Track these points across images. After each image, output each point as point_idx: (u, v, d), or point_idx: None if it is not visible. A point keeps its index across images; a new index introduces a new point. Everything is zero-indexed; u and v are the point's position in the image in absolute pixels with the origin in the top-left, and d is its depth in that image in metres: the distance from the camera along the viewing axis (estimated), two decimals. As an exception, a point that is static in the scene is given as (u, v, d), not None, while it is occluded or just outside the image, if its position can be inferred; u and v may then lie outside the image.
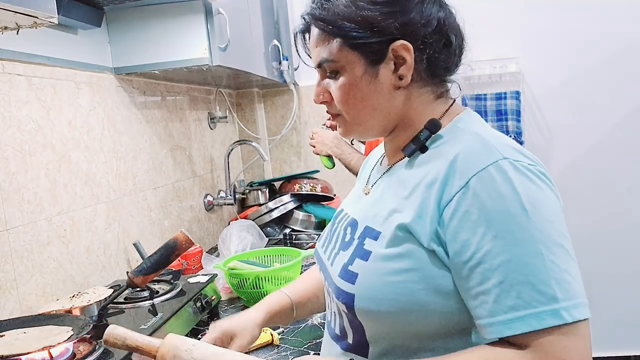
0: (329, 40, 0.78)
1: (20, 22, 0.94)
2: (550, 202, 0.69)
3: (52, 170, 1.33)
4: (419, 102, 0.80)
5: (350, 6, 0.75)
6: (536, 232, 0.65)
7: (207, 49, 1.60)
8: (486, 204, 0.66)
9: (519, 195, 0.66)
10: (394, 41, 0.75)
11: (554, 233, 0.66)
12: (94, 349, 0.98)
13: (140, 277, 1.21)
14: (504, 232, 0.65)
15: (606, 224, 2.81)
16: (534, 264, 0.64)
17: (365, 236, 0.78)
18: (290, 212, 2.35)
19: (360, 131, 0.84)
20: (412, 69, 0.76)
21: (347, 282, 0.77)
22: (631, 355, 2.83)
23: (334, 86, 0.80)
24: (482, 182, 0.67)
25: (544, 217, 0.66)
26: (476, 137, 0.73)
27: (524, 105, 2.79)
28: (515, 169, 0.68)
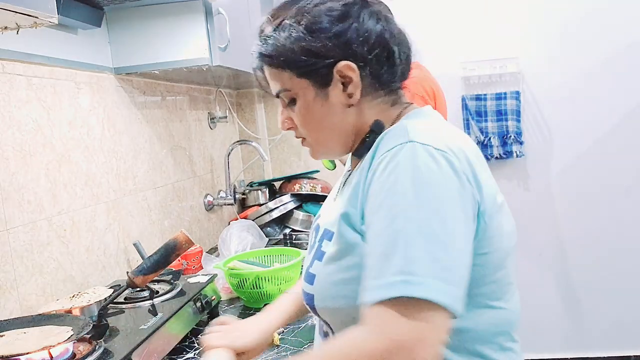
0: (279, 72, 0.83)
1: (20, 22, 0.94)
2: (440, 186, 0.69)
3: (52, 170, 1.33)
4: (372, 113, 0.84)
5: (290, 38, 0.80)
6: (409, 210, 0.67)
7: (207, 49, 1.60)
8: (381, 179, 0.71)
9: (405, 174, 0.69)
10: (337, 63, 0.79)
11: (430, 216, 0.67)
12: (94, 349, 0.98)
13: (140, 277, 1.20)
14: (382, 207, 0.69)
15: (606, 223, 2.81)
16: (397, 239, 0.66)
17: (323, 238, 0.83)
18: (290, 212, 2.35)
19: (325, 152, 0.89)
20: (359, 85, 0.80)
21: (308, 284, 0.82)
22: (631, 355, 2.83)
23: (294, 113, 0.85)
24: (384, 160, 0.72)
25: (424, 198, 0.67)
26: (399, 126, 0.78)
27: (524, 105, 2.79)
28: (413, 150, 0.70)
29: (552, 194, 2.85)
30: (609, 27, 2.68)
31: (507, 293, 0.78)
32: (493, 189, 0.75)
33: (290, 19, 0.80)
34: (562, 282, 2.89)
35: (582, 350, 2.88)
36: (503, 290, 0.77)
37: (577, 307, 2.87)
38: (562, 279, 2.89)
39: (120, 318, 1.19)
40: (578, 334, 2.88)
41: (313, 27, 0.79)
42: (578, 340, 2.88)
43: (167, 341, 1.16)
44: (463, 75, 2.80)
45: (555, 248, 2.88)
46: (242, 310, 1.54)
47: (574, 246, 2.86)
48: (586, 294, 2.86)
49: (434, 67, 2.22)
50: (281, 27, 0.81)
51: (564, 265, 2.88)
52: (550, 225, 2.86)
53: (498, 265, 0.75)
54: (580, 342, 2.88)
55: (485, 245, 0.72)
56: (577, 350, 2.89)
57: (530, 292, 2.87)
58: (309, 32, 0.79)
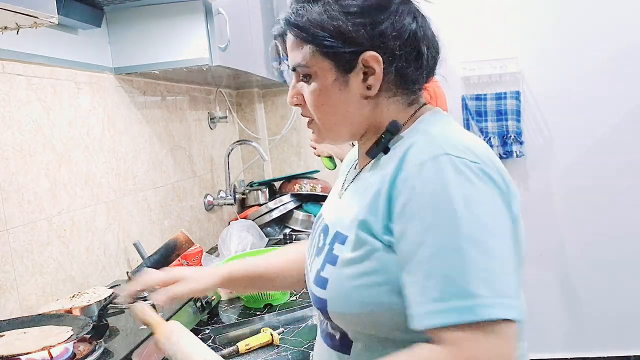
0: (302, 45, 0.80)
1: (20, 22, 0.94)
2: (485, 200, 0.68)
3: (52, 170, 1.33)
4: (388, 110, 0.82)
5: (324, 15, 0.77)
6: (463, 227, 0.65)
7: (207, 49, 1.60)
8: (421, 197, 0.68)
9: (449, 191, 0.67)
10: (365, 52, 0.77)
11: (483, 231, 0.66)
12: (94, 349, 0.98)
13: (140, 277, 1.20)
14: (433, 225, 0.67)
15: (606, 223, 2.81)
16: (457, 259, 0.65)
17: (334, 241, 0.80)
18: (290, 212, 2.35)
19: (331, 137, 0.86)
20: (381, 79, 0.78)
21: (319, 288, 0.79)
22: (631, 355, 2.83)
23: (307, 90, 0.82)
24: (419, 176, 0.69)
25: (473, 214, 0.66)
26: (425, 134, 0.76)
27: (524, 105, 2.79)
28: (452, 165, 0.68)
29: (552, 194, 2.85)
30: (609, 27, 2.68)
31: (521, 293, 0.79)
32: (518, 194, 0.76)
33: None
34: (562, 282, 2.89)
35: (582, 350, 2.88)
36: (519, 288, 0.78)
37: (577, 307, 2.87)
38: (562, 279, 2.89)
39: (120, 318, 1.19)
40: (578, 334, 2.88)
41: (350, 9, 0.77)
42: (578, 340, 2.88)
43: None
44: (463, 75, 2.80)
45: (555, 248, 2.88)
46: (242, 310, 1.54)
47: (574, 246, 2.86)
48: (586, 294, 2.86)
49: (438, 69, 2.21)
50: (315, 1, 0.78)
51: (564, 265, 2.88)
52: (550, 225, 2.86)
53: (520, 265, 0.77)
54: (580, 342, 2.88)
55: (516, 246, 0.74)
56: (577, 350, 2.89)
57: (530, 292, 2.86)
58: (344, 13, 0.76)
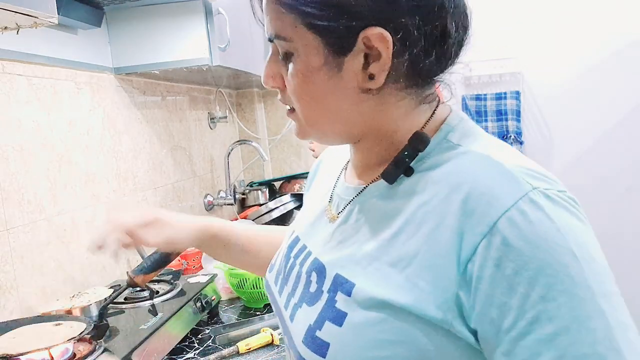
0: (282, 12, 0.56)
1: (20, 22, 0.94)
2: (593, 238, 0.53)
3: (52, 170, 1.33)
4: (396, 109, 0.59)
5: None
6: (593, 283, 0.47)
7: (207, 49, 1.60)
8: (524, 253, 0.47)
9: (563, 236, 0.48)
10: (367, 27, 0.54)
11: (609, 280, 0.50)
12: (94, 349, 0.98)
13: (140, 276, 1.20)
14: (554, 289, 0.47)
15: (606, 223, 2.80)
16: (598, 329, 0.46)
17: (336, 289, 0.58)
18: (290, 212, 2.35)
19: (315, 135, 0.64)
20: (388, 67, 0.55)
21: (314, 354, 0.57)
22: (631, 355, 2.83)
23: (287, 72, 0.60)
24: (513, 226, 0.48)
25: (596, 260, 0.49)
26: (487, 162, 0.53)
27: (524, 105, 2.79)
28: (551, 201, 0.50)
29: (552, 194, 2.85)
30: (609, 27, 2.68)
31: None
32: None
33: None
34: (562, 282, 2.89)
35: (582, 350, 2.88)
36: None
37: (577, 307, 2.87)
38: (562, 279, 2.89)
39: (120, 318, 1.19)
40: (578, 334, 2.88)
41: None
42: (578, 340, 2.88)
43: (167, 341, 1.16)
44: (463, 75, 2.80)
45: (555, 248, 2.88)
46: (242, 310, 1.54)
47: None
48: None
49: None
50: None
51: (564, 265, 2.88)
52: (550, 225, 2.86)
53: None
54: (580, 342, 2.88)
55: None
56: (577, 350, 2.89)
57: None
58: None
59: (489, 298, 0.49)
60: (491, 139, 0.60)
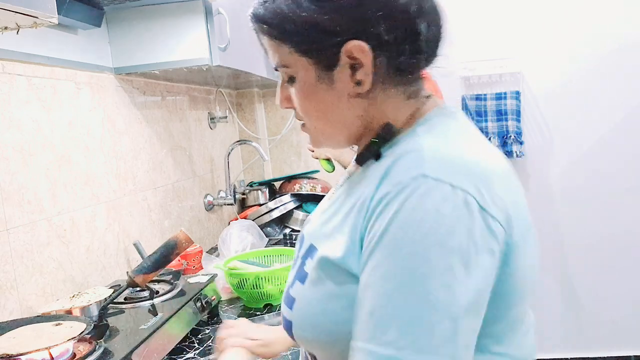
0: (277, 44, 0.69)
1: (20, 22, 0.94)
2: (452, 237, 0.56)
3: (52, 170, 1.33)
4: (386, 106, 0.69)
5: (292, 5, 0.65)
6: (414, 272, 0.56)
7: (207, 49, 1.60)
8: (388, 224, 0.58)
9: (414, 223, 0.57)
10: (347, 42, 0.64)
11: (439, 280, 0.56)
12: (94, 349, 0.98)
13: (140, 276, 1.21)
14: (384, 261, 0.58)
15: (606, 223, 2.81)
16: (395, 305, 0.56)
17: (307, 256, 0.70)
18: (290, 212, 2.35)
19: (326, 142, 0.76)
20: (371, 72, 0.65)
21: (287, 307, 0.71)
22: (631, 355, 2.83)
23: (293, 93, 0.72)
24: (393, 200, 0.59)
25: (432, 256, 0.56)
26: (415, 145, 0.63)
27: (524, 105, 2.80)
28: (426, 191, 0.57)
29: (552, 194, 2.85)
30: (609, 27, 2.68)
31: (517, 333, 0.66)
32: (524, 214, 0.65)
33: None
34: (562, 283, 2.89)
35: (582, 350, 2.88)
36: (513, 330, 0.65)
37: (577, 307, 2.87)
38: (562, 279, 2.89)
39: (120, 318, 1.19)
40: (578, 334, 2.88)
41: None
42: (578, 340, 2.88)
43: (167, 341, 1.16)
44: (463, 75, 2.80)
45: (556, 248, 2.88)
46: (242, 310, 1.54)
47: (574, 246, 2.86)
48: (586, 294, 2.86)
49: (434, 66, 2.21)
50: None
51: (564, 265, 2.88)
52: (550, 225, 2.86)
53: (514, 303, 0.63)
54: (580, 342, 2.88)
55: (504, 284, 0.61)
56: (577, 350, 2.89)
57: (530, 292, 2.87)
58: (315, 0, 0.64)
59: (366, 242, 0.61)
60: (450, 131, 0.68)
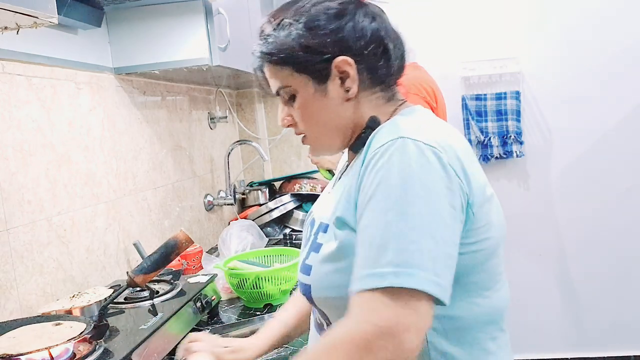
0: (278, 70, 0.86)
1: (20, 22, 0.94)
2: (427, 181, 0.71)
3: (52, 170, 1.33)
4: (369, 108, 0.87)
5: (290, 36, 0.84)
6: (397, 204, 0.70)
7: (207, 49, 1.60)
8: (372, 174, 0.73)
9: (394, 169, 0.72)
10: (335, 58, 0.83)
11: (416, 210, 0.70)
12: (94, 349, 0.98)
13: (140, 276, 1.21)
14: (372, 200, 0.72)
15: (606, 223, 2.81)
16: (384, 231, 0.69)
17: (319, 231, 0.85)
18: (290, 212, 2.35)
19: (325, 147, 0.92)
20: (357, 80, 0.84)
21: (304, 275, 0.84)
22: (631, 355, 2.83)
23: (293, 109, 0.88)
24: (375, 157, 0.74)
25: (411, 192, 0.70)
26: (391, 122, 0.81)
27: (524, 105, 2.79)
28: (404, 146, 0.73)
29: (552, 194, 2.85)
30: (609, 27, 2.68)
31: (498, 283, 0.82)
32: (482, 182, 0.78)
33: (289, 18, 0.84)
34: (562, 282, 2.89)
35: (582, 350, 2.88)
36: (494, 280, 0.81)
37: (577, 307, 2.87)
38: (562, 279, 2.89)
39: (120, 318, 1.19)
40: (578, 334, 2.88)
41: (311, 24, 0.83)
42: (578, 340, 2.88)
43: (167, 341, 1.16)
44: (463, 75, 2.79)
45: (556, 248, 2.88)
46: (242, 310, 1.54)
47: (574, 246, 2.86)
48: (586, 294, 2.86)
49: (434, 67, 2.22)
50: (281, 26, 0.85)
51: (564, 265, 2.88)
52: (550, 225, 2.86)
53: (488, 255, 0.79)
54: (580, 342, 2.88)
55: (474, 235, 0.76)
56: (577, 350, 2.89)
57: (531, 292, 2.87)
58: (307, 29, 0.83)
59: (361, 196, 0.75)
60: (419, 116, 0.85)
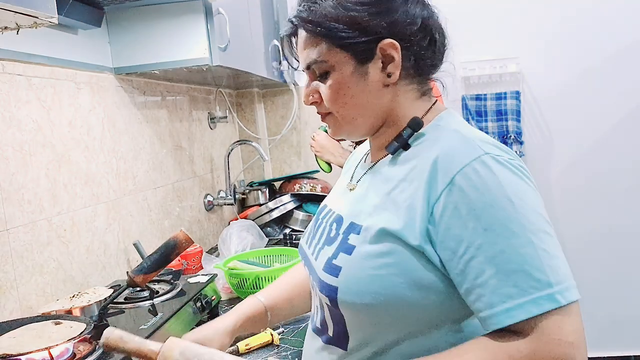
0: (317, 42, 0.80)
1: (20, 22, 0.94)
2: (532, 192, 0.72)
3: (52, 170, 1.33)
4: (405, 100, 0.82)
5: (338, 7, 0.77)
6: (525, 221, 0.68)
7: (207, 49, 1.60)
8: (473, 198, 0.69)
9: (503, 187, 0.69)
10: (382, 40, 0.78)
11: (540, 221, 0.69)
12: (94, 349, 0.98)
13: (140, 276, 1.21)
14: (494, 224, 0.68)
15: (606, 223, 2.80)
16: (526, 253, 0.67)
17: (349, 232, 0.81)
18: (290, 212, 2.35)
19: (349, 130, 0.86)
20: (400, 66, 0.79)
21: (330, 276, 0.79)
22: (631, 355, 2.83)
23: (324, 86, 0.82)
24: (467, 178, 0.70)
25: (529, 207, 0.69)
26: (456, 135, 0.76)
27: (524, 105, 2.79)
28: (498, 163, 0.71)
29: (552, 194, 2.85)
30: (609, 27, 2.68)
31: None
32: None
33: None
34: (562, 282, 2.89)
35: (582, 350, 2.88)
36: None
37: (577, 307, 2.87)
38: (562, 279, 2.89)
39: (120, 318, 1.19)
40: (578, 334, 2.88)
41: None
42: (578, 340, 2.88)
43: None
44: (463, 75, 2.80)
45: (555, 248, 2.88)
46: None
47: (574, 246, 2.86)
48: (586, 294, 2.84)
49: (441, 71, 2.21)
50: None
51: (564, 265, 2.88)
52: (550, 225, 2.86)
53: None
54: (580, 342, 2.88)
55: None
56: (577, 350, 2.88)
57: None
58: (359, 2, 0.77)
59: (447, 231, 0.70)
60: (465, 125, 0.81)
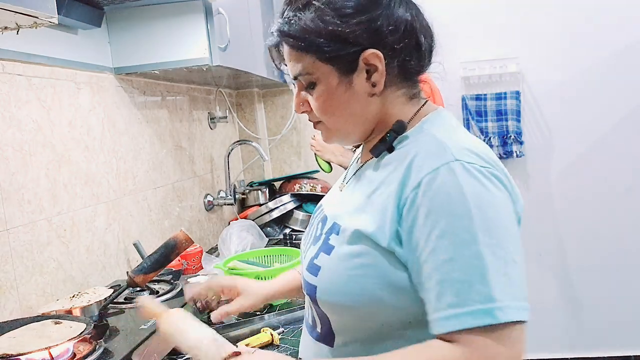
0: (300, 55, 0.79)
1: (20, 22, 0.94)
2: (499, 204, 0.70)
3: (52, 170, 1.33)
4: (393, 105, 0.82)
5: (317, 21, 0.76)
6: (480, 234, 0.67)
7: (207, 49, 1.60)
8: (434, 203, 0.69)
9: (465, 196, 0.68)
10: (364, 51, 0.77)
11: (498, 236, 0.68)
12: (94, 349, 0.98)
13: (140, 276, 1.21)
14: (448, 232, 0.67)
15: (606, 223, 2.81)
16: (475, 265, 0.66)
17: (331, 232, 0.82)
18: (290, 212, 2.35)
19: (340, 137, 0.87)
20: (384, 75, 0.78)
21: (311, 275, 0.81)
22: (631, 355, 2.83)
23: (312, 97, 0.82)
24: (431, 183, 0.69)
25: (489, 219, 0.68)
26: (432, 139, 0.76)
27: (524, 105, 2.79)
28: (465, 171, 0.69)
29: (552, 194, 2.85)
30: (609, 27, 2.68)
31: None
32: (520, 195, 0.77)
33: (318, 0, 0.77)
34: (562, 283, 2.89)
35: (582, 350, 2.88)
36: None
37: (577, 307, 2.87)
38: (562, 279, 2.89)
39: (120, 318, 1.19)
40: (578, 334, 2.88)
41: (343, 11, 0.76)
42: (578, 340, 2.88)
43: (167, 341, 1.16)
44: (463, 75, 2.80)
45: (555, 248, 2.88)
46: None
47: (574, 246, 2.86)
48: (586, 294, 2.86)
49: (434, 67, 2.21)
50: (307, 6, 0.77)
51: (564, 265, 2.88)
52: (550, 226, 2.86)
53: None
54: (580, 342, 2.88)
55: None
56: (577, 350, 2.89)
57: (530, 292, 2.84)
58: (339, 16, 0.75)
59: (410, 234, 0.71)
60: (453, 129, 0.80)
